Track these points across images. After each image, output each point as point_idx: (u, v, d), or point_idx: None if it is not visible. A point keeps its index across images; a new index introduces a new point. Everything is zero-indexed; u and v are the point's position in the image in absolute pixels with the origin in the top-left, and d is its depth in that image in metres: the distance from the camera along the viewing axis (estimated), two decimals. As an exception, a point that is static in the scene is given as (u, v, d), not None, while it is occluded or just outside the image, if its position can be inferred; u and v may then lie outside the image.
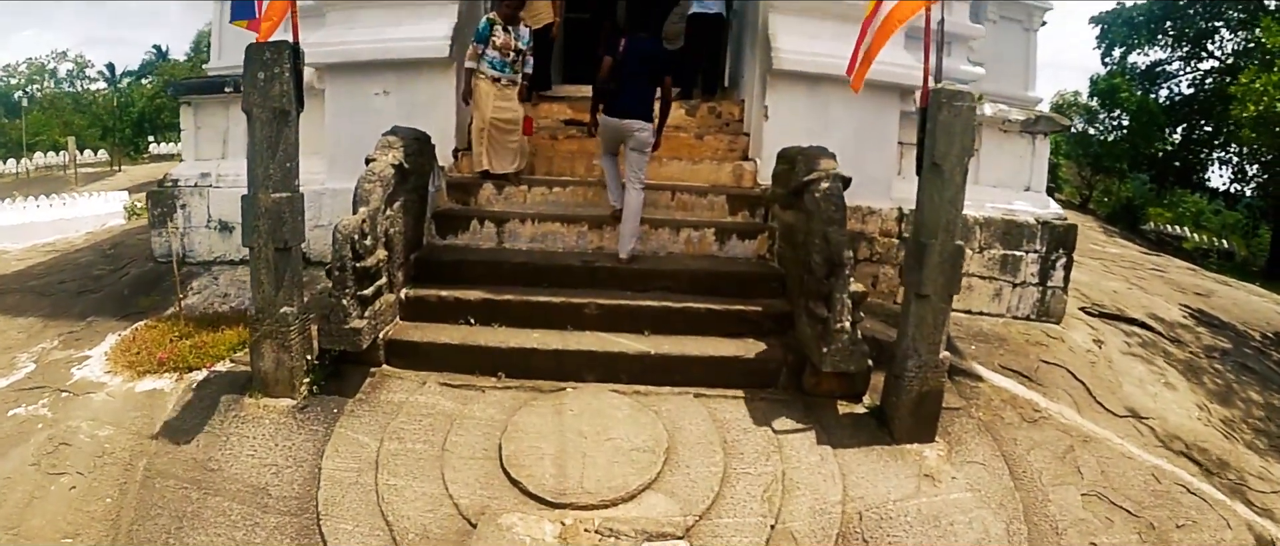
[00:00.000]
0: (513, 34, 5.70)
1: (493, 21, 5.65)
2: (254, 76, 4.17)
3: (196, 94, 7.32)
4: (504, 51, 5.69)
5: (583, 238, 5.42)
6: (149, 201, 7.08)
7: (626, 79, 5.20)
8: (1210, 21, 22.14)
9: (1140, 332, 6.58)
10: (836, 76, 5.69)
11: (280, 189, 4.21)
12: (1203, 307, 7.76)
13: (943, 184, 4.22)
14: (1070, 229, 6.55)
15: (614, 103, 5.22)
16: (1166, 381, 5.80)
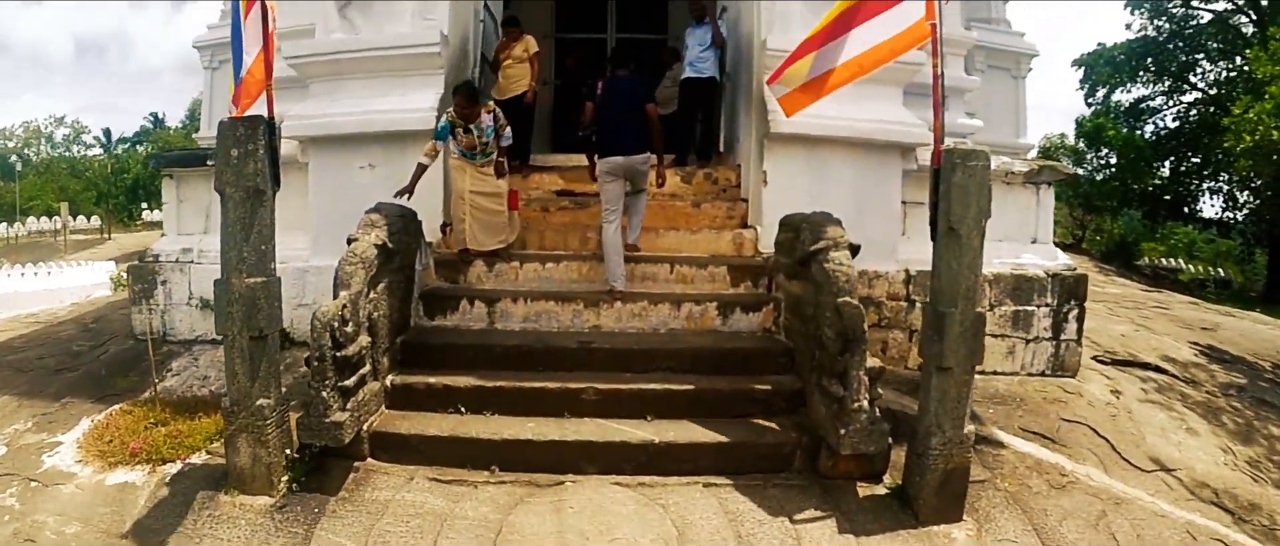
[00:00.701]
0: (474, 131, 5.46)
1: (452, 122, 5.42)
2: (227, 153, 3.97)
3: (178, 166, 7.16)
4: (468, 147, 5.53)
5: (578, 317, 5.15)
6: (129, 276, 6.92)
7: (611, 119, 5.27)
8: (1190, 55, 22.75)
9: (1155, 377, 6.47)
10: (836, 137, 5.63)
11: (255, 273, 3.98)
12: (1211, 342, 7.71)
13: (960, 249, 4.03)
14: (1080, 279, 6.42)
15: (606, 144, 5.26)
16: (1188, 426, 5.67)
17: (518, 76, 6.83)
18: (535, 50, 6.92)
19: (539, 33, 9.30)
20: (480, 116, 5.44)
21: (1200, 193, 23.82)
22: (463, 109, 5.35)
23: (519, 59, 6.86)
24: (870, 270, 5.79)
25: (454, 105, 5.40)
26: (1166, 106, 23.90)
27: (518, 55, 6.86)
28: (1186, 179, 23.60)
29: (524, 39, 6.91)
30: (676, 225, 5.98)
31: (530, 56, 6.88)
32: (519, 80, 6.83)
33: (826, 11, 5.60)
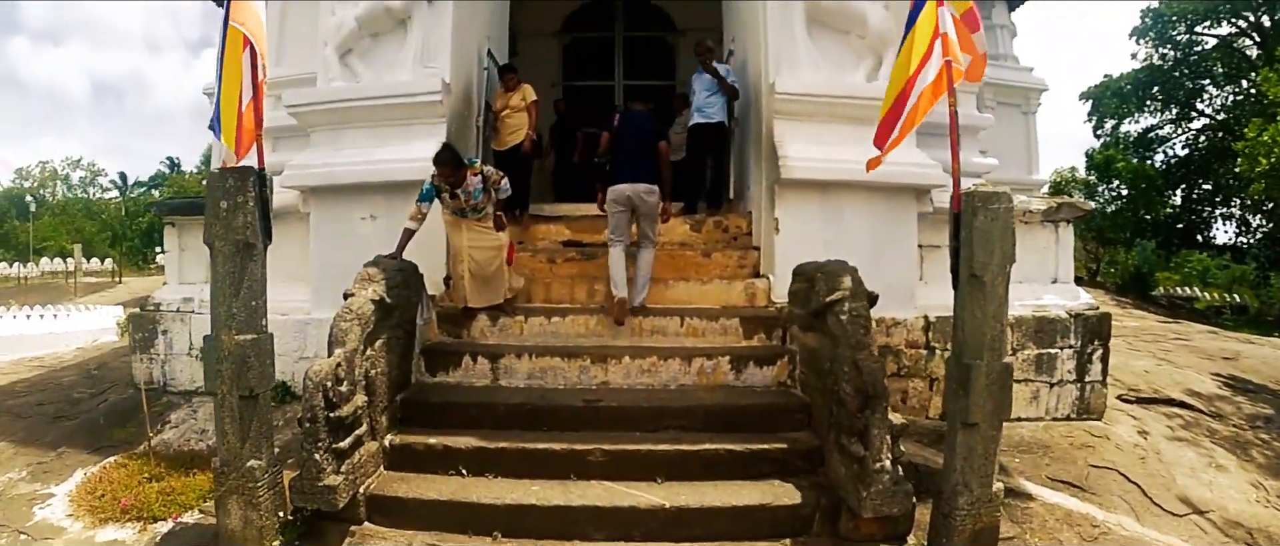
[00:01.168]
0: (461, 195, 5.16)
1: (438, 187, 5.12)
2: (216, 205, 3.85)
3: (180, 214, 7.11)
4: (457, 210, 5.27)
5: (585, 373, 4.95)
6: (130, 325, 6.87)
7: (625, 151, 5.46)
8: (1196, 81, 22.85)
9: (1181, 413, 6.38)
10: (850, 182, 5.46)
11: (245, 329, 3.84)
12: (1234, 372, 7.67)
13: (984, 297, 3.85)
14: (1103, 318, 6.27)
15: (617, 174, 5.42)
16: (1217, 463, 5.59)
17: (516, 126, 6.66)
18: (533, 98, 6.74)
19: (546, 81, 9.41)
20: (467, 180, 5.15)
21: (1213, 219, 23.92)
22: (446, 177, 5.08)
23: (516, 108, 6.69)
24: (888, 317, 5.59)
25: (436, 174, 5.09)
26: (1175, 135, 23.94)
27: (515, 104, 6.69)
28: (1198, 206, 23.69)
29: (521, 87, 6.76)
30: (686, 275, 5.79)
31: (527, 105, 6.70)
32: (517, 130, 6.66)
33: (844, 52, 5.67)
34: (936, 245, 5.99)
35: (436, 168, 5.02)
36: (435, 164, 5.02)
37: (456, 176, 5.06)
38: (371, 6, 5.69)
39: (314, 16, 6.14)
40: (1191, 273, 23.39)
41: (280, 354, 5.77)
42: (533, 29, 10.20)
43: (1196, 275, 22.95)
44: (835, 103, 5.52)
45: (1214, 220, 23.90)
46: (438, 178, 5.06)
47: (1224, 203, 23.13)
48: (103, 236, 36.03)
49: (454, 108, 5.73)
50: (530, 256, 6.00)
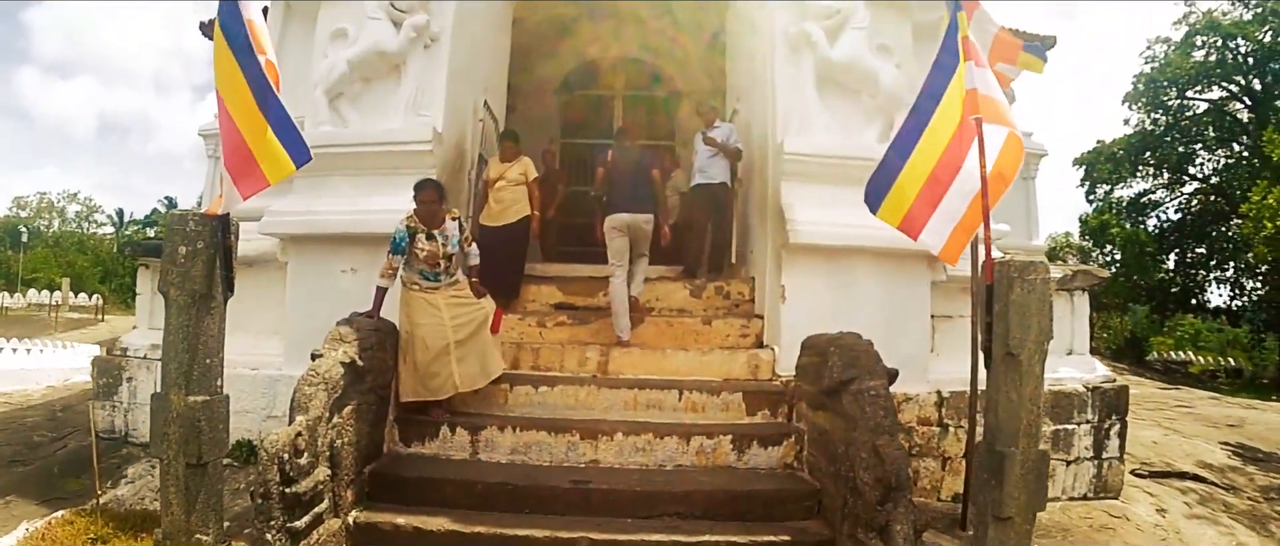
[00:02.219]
0: (439, 239, 4.69)
1: (412, 230, 4.65)
2: (173, 251, 3.49)
3: (153, 256, 6.77)
4: (430, 262, 4.70)
5: (573, 450, 4.53)
6: (94, 369, 6.51)
7: (621, 182, 5.76)
8: (1188, 146, 23.20)
9: (1195, 487, 6.30)
10: (860, 247, 5.21)
11: (198, 389, 3.45)
12: (1241, 440, 7.69)
13: (1020, 377, 3.56)
14: (1121, 391, 6.04)
15: (615, 204, 5.69)
16: (1237, 541, 5.50)
17: (511, 201, 6.06)
18: (535, 175, 6.21)
19: (544, 138, 9.30)
20: (445, 223, 4.73)
21: (1207, 283, 24.11)
22: (428, 208, 4.63)
23: (513, 182, 6.11)
24: (899, 393, 5.20)
25: (417, 204, 4.63)
26: (1168, 199, 24.17)
27: (512, 177, 6.11)
28: (1192, 270, 23.89)
29: (521, 160, 6.22)
30: (685, 345, 5.44)
31: (528, 182, 6.15)
32: (513, 206, 6.05)
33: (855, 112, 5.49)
34: (948, 315, 5.73)
35: (417, 197, 4.63)
36: (416, 193, 4.63)
37: (437, 212, 4.69)
38: (365, 50, 5.46)
39: (306, 58, 5.94)
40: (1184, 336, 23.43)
41: (247, 411, 5.53)
42: (532, 85, 10.12)
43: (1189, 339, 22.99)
44: (846, 164, 5.26)
45: (1208, 284, 24.05)
46: (413, 216, 4.66)
47: (1218, 266, 23.28)
48: (94, 272, 35.77)
49: (445, 158, 5.45)
50: (519, 319, 5.64)
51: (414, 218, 4.66)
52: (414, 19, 5.38)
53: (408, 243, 4.65)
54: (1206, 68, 21.51)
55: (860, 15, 5.40)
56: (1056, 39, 9.47)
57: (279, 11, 6.79)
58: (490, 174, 6.21)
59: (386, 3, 5.42)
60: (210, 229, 3.54)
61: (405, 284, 4.75)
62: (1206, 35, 21.55)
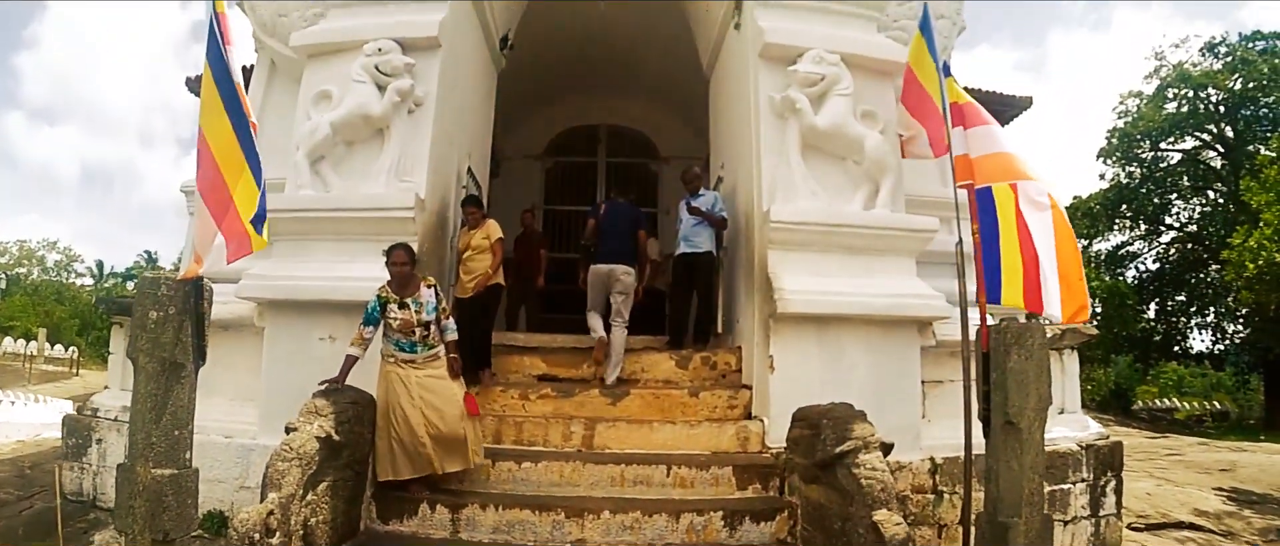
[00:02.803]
0: (413, 306, 4.56)
1: (384, 299, 4.53)
2: (144, 315, 3.38)
3: (127, 315, 6.53)
4: (405, 331, 4.56)
5: (559, 529, 4.35)
6: (64, 428, 6.31)
7: (608, 234, 6.04)
8: (1164, 196, 23.49)
9: (1193, 536, 6.36)
10: (850, 315, 5.17)
11: (165, 462, 3.30)
12: (1234, 484, 7.84)
13: (1020, 445, 3.55)
14: (1115, 447, 6.03)
15: (600, 255, 5.98)
16: None
17: (479, 271, 5.76)
18: (498, 235, 5.85)
19: (527, 203, 9.30)
20: (420, 290, 4.61)
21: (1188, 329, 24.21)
22: (400, 270, 4.52)
23: (479, 248, 5.78)
24: (892, 461, 5.03)
25: (390, 269, 4.53)
26: (1146, 250, 24.46)
27: (478, 244, 5.79)
28: (1173, 317, 24.00)
29: (486, 224, 5.88)
30: (673, 418, 5.30)
31: (491, 244, 5.81)
32: (479, 276, 5.76)
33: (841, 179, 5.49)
34: (939, 380, 5.68)
35: (389, 261, 4.53)
36: (388, 257, 4.53)
37: (411, 277, 4.59)
38: (349, 113, 5.40)
39: (289, 119, 5.89)
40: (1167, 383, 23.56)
41: (220, 480, 5.32)
42: (516, 150, 10.22)
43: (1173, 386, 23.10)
44: (833, 231, 5.26)
45: (1190, 330, 24.21)
46: (387, 285, 4.57)
47: (1199, 312, 23.44)
48: (72, 323, 35.03)
49: (427, 225, 5.36)
50: (501, 391, 5.49)
51: (387, 287, 4.57)
52: (399, 83, 5.34)
53: (380, 313, 4.54)
54: (1179, 119, 21.97)
55: (845, 82, 5.43)
56: (1032, 99, 9.66)
57: (263, 71, 6.78)
58: (459, 243, 5.99)
59: (372, 66, 5.39)
60: (182, 294, 3.44)
61: (383, 357, 4.61)
62: (1178, 87, 22.03)
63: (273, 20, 6.34)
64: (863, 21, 5.82)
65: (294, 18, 6.20)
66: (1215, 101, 21.79)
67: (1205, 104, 21.90)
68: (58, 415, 12.47)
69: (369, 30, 5.51)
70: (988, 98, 9.68)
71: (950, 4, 6.52)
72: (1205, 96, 21.79)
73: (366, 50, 5.41)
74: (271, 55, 6.60)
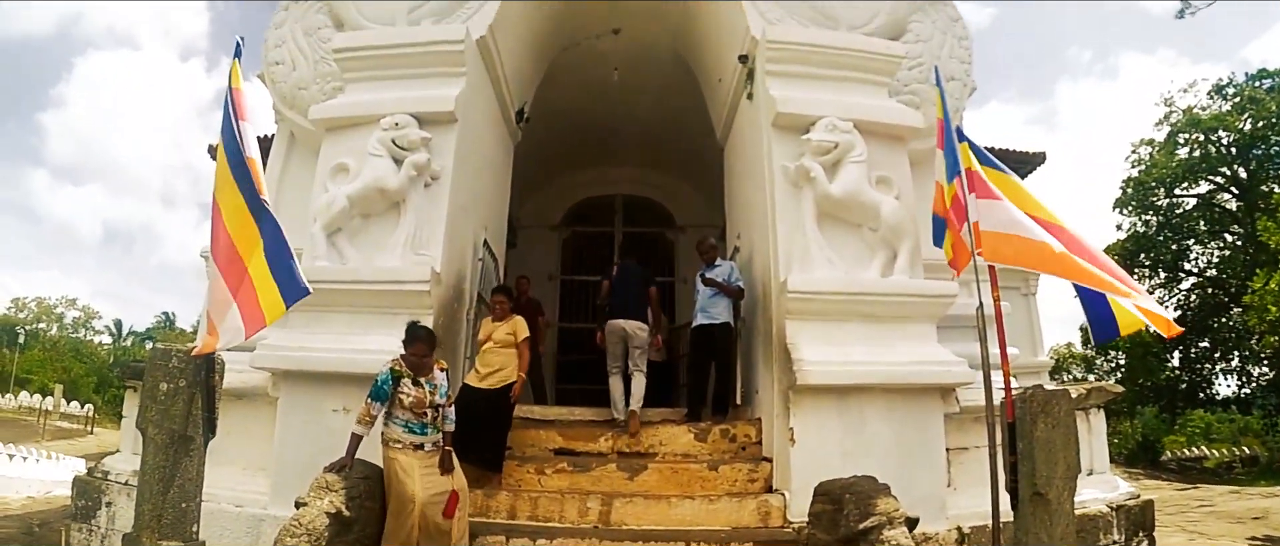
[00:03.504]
0: (427, 386, 4.40)
1: (398, 373, 4.35)
2: (154, 387, 3.42)
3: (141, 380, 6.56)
4: (417, 410, 4.35)
5: (576, 610, 4.25)
6: (74, 490, 6.24)
7: (621, 293, 6.34)
8: (1181, 242, 23.31)
9: None
10: (870, 385, 5.06)
11: (171, 534, 3.36)
12: (1268, 533, 7.72)
13: (1050, 516, 3.49)
14: (1146, 507, 5.88)
15: (615, 313, 6.25)
16: None
17: (499, 365, 5.44)
18: (525, 335, 5.57)
19: (544, 273, 9.35)
20: (433, 372, 4.46)
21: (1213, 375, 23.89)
22: (419, 356, 4.41)
23: (502, 343, 5.51)
24: (918, 532, 4.93)
25: (407, 352, 4.42)
26: (1167, 298, 24.17)
27: (501, 338, 5.51)
28: (1198, 364, 23.66)
29: (512, 319, 5.60)
30: (691, 492, 5.17)
31: (518, 342, 5.52)
32: (501, 370, 5.44)
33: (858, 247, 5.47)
34: (964, 447, 5.50)
35: (408, 348, 4.42)
36: (406, 344, 4.42)
37: (427, 359, 4.46)
38: (366, 186, 5.46)
39: (307, 190, 5.97)
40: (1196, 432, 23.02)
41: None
42: (533, 221, 10.32)
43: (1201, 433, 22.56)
44: (851, 300, 5.21)
45: (1214, 376, 23.87)
46: (401, 361, 4.42)
47: (1223, 357, 23.08)
48: (88, 380, 35.35)
49: (443, 299, 5.36)
50: (517, 465, 5.39)
51: (401, 362, 4.44)
52: (415, 157, 5.40)
53: (392, 387, 4.33)
54: (1192, 163, 21.98)
55: (858, 148, 5.43)
56: (1046, 155, 9.70)
57: (282, 143, 6.90)
58: (481, 333, 5.74)
59: (388, 140, 5.46)
60: (194, 367, 3.45)
61: (385, 442, 4.37)
62: (1188, 131, 22.11)
63: (292, 93, 6.49)
64: (874, 87, 5.85)
65: (313, 91, 6.36)
66: (1226, 143, 21.83)
67: (1217, 146, 21.94)
68: (69, 473, 12.49)
69: (386, 105, 5.60)
70: (1001, 155, 9.75)
71: (960, 65, 6.58)
72: (1216, 139, 21.86)
73: (383, 124, 5.49)
74: (291, 127, 6.73)
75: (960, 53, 6.58)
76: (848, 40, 5.93)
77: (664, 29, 7.71)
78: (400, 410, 4.35)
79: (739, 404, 6.27)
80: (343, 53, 5.97)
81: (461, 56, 5.75)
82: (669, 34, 7.76)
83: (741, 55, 6.21)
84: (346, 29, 6.35)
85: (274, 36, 6.66)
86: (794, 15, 6.03)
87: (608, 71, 7.99)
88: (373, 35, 6.06)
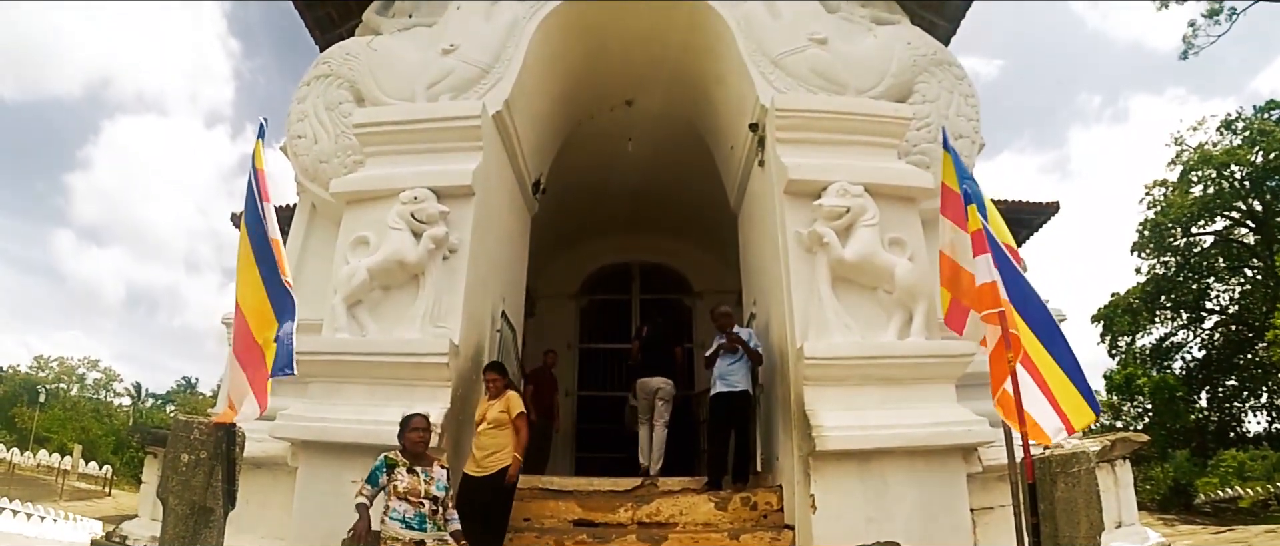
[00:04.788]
0: (422, 476, 4.20)
1: (392, 463, 4.19)
2: (176, 457, 3.44)
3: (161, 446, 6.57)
4: (412, 498, 4.13)
5: None
6: None
7: (649, 352, 7.01)
8: (1202, 281, 23.09)
9: None
10: (891, 448, 5.01)
11: None
12: None
13: None
14: None
15: (644, 371, 6.90)
16: None
17: (495, 447, 5.13)
18: (519, 410, 5.24)
19: (562, 342, 9.41)
20: (433, 466, 4.30)
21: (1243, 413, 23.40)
22: (416, 444, 4.28)
23: (497, 423, 5.17)
24: (944, 598, 4.88)
25: (408, 437, 4.28)
26: (1191, 339, 23.90)
27: (495, 418, 5.18)
28: (1226, 404, 23.24)
29: (506, 396, 5.29)
30: (714, 565, 5.13)
31: (513, 419, 5.19)
32: (495, 453, 5.13)
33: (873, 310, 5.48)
34: (988, 506, 5.41)
35: (408, 427, 4.31)
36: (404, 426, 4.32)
37: (421, 447, 4.34)
38: (385, 259, 5.56)
39: (328, 262, 6.05)
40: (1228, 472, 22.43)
41: None
42: (551, 290, 10.41)
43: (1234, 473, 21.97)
44: (869, 364, 5.19)
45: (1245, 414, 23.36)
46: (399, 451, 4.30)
47: (1252, 394, 22.64)
48: (107, 441, 35.46)
49: (461, 371, 5.40)
50: (536, 537, 5.34)
51: (397, 452, 4.29)
52: (434, 230, 5.49)
53: (385, 476, 4.18)
54: (1206, 201, 21.87)
55: (870, 212, 5.47)
56: (1059, 204, 9.69)
57: (304, 214, 7.04)
58: (477, 414, 5.40)
59: (408, 214, 5.56)
60: (215, 439, 3.48)
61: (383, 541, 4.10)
62: (1201, 169, 22.01)
63: (314, 166, 6.65)
64: (883, 150, 5.92)
65: (334, 164, 6.51)
66: (1240, 178, 21.74)
67: (1230, 182, 21.84)
68: (86, 535, 12.47)
69: (406, 179, 5.72)
70: (1016, 207, 9.79)
71: (968, 123, 6.64)
72: (1229, 174, 21.76)
73: (403, 198, 5.60)
74: (312, 199, 6.87)
75: (967, 111, 6.64)
76: (855, 104, 6.03)
77: (676, 99, 7.89)
78: (396, 500, 4.15)
79: (759, 471, 6.19)
80: (363, 128, 6.14)
81: (479, 131, 5.90)
82: (681, 104, 7.93)
83: (752, 123, 6.31)
84: (367, 104, 6.54)
85: (297, 110, 6.86)
86: (802, 82, 6.17)
87: (622, 141, 8.15)
88: (392, 111, 6.24)
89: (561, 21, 6.75)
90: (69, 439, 32.19)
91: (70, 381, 42.54)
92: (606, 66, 7.56)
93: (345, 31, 8.04)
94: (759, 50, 6.29)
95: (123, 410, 41.81)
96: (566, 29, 6.88)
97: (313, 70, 7.02)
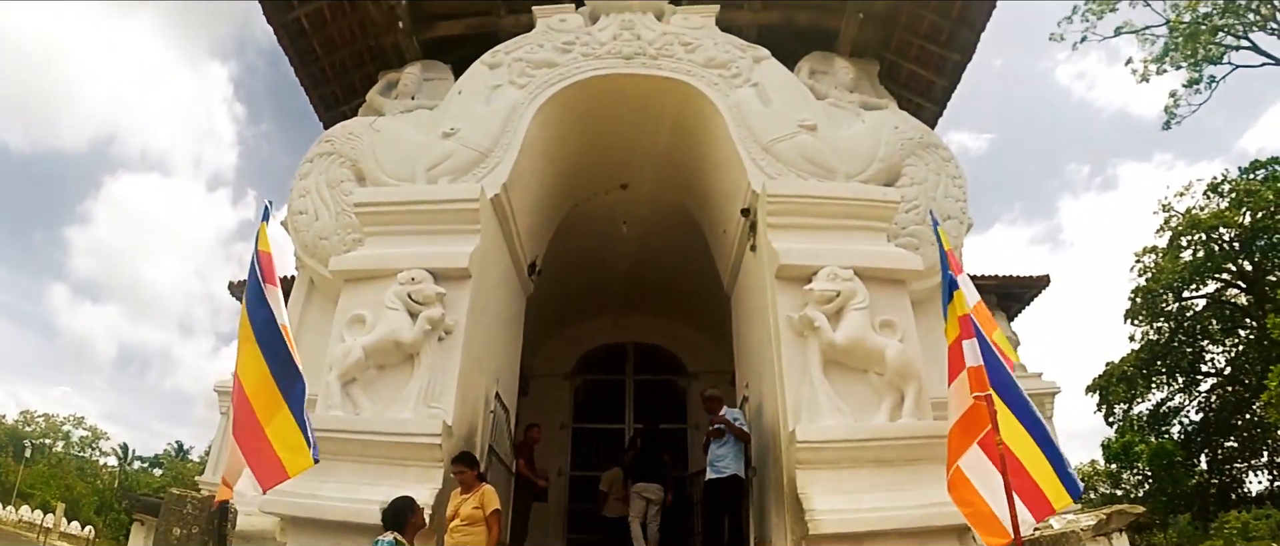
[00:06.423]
0: None
1: None
2: (167, 531, 3.43)
3: (149, 514, 6.52)
4: None
5: None
6: None
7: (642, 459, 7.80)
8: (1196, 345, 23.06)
9: None
10: (885, 530, 4.97)
11: None
12: None
13: None
14: None
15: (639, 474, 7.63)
16: None
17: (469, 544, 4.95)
18: (494, 507, 5.03)
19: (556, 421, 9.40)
20: None
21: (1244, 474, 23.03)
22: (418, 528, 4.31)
23: (469, 519, 4.96)
24: None
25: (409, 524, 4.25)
26: (1187, 403, 23.72)
27: (468, 513, 4.97)
28: (1226, 466, 22.92)
29: (479, 491, 5.07)
30: (708, 656, 5.04)
31: (487, 516, 4.98)
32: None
33: (865, 392, 5.49)
34: (982, 586, 5.37)
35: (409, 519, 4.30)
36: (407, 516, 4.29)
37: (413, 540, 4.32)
38: (381, 338, 5.60)
39: (324, 339, 6.09)
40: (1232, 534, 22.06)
41: None
42: (545, 369, 10.47)
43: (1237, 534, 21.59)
44: (861, 447, 5.20)
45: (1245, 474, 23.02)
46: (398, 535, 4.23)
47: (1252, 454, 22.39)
48: (91, 500, 34.70)
49: (454, 451, 5.36)
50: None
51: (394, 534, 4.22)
52: (430, 312, 5.56)
53: None
54: (1197, 265, 21.96)
55: (860, 295, 5.55)
56: (1050, 278, 9.82)
57: (302, 289, 7.12)
58: (449, 509, 5.17)
59: (405, 294, 5.64)
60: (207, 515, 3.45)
61: None
62: (1190, 233, 22.14)
63: (314, 242, 6.76)
64: (873, 233, 6.03)
65: (334, 241, 6.62)
66: (1229, 240, 21.85)
67: (1220, 244, 21.96)
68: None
69: (403, 259, 5.81)
70: (1007, 282, 9.94)
71: (955, 203, 6.79)
72: (1218, 237, 21.88)
73: (400, 278, 5.69)
74: (311, 274, 6.96)
75: (955, 192, 6.81)
76: (845, 190, 6.18)
77: (670, 183, 8.08)
78: None
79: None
80: (363, 208, 6.26)
81: (477, 214, 6.01)
82: (675, 189, 8.11)
83: (743, 208, 6.45)
84: (368, 183, 6.69)
85: (299, 187, 7.01)
86: (792, 168, 6.33)
87: (618, 224, 8.30)
88: (392, 192, 6.37)
89: (559, 107, 6.96)
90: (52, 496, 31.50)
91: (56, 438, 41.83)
92: (602, 151, 7.75)
93: (348, 110, 8.28)
94: (750, 136, 6.47)
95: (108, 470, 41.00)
96: (564, 115, 7.08)
97: (316, 147, 7.19)
